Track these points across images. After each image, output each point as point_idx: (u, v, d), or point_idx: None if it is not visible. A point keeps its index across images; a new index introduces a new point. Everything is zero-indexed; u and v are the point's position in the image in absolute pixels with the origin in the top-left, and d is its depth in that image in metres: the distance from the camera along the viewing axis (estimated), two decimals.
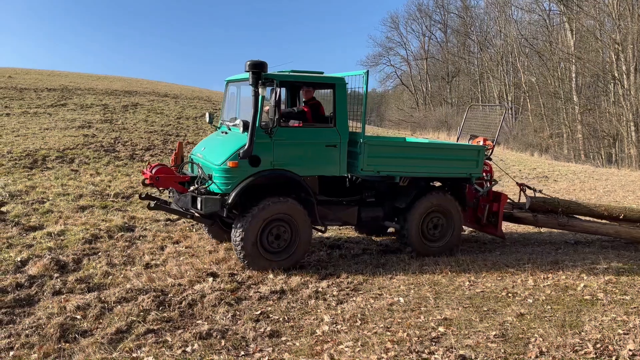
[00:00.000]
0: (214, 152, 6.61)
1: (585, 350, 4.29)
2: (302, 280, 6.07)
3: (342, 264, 7.04)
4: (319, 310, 5.17)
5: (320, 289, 5.78)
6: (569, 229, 8.18)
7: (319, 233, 7.63)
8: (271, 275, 6.22)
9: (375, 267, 6.88)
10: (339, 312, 5.13)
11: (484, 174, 7.91)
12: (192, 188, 6.44)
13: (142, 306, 5.08)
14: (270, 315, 5.04)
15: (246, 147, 6.06)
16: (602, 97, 38.71)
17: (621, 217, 8.15)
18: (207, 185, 6.34)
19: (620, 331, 4.67)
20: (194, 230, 8.18)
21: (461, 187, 7.72)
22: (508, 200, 8.35)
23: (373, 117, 61.10)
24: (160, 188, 6.82)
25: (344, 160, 6.71)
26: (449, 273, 6.59)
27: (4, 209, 8.26)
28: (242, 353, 4.24)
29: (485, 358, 4.16)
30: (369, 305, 5.33)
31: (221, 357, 4.15)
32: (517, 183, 9.03)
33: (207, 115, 7.44)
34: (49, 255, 6.44)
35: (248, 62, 6.06)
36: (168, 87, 27.80)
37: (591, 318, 5.01)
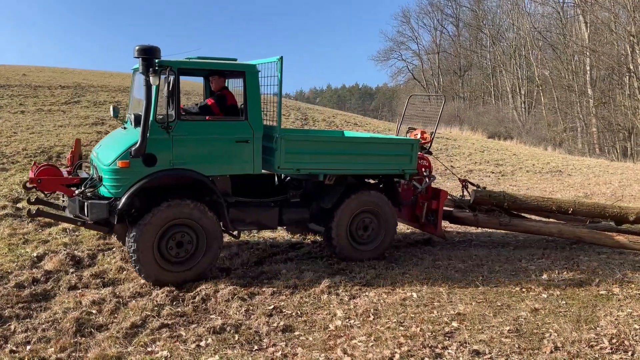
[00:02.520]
0: (106, 151, 5.88)
1: (601, 345, 4.25)
2: (314, 275, 6.07)
3: (354, 260, 7.02)
4: (331, 305, 5.17)
5: (332, 284, 5.78)
6: (511, 229, 7.65)
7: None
8: (284, 271, 6.23)
9: (388, 262, 6.86)
10: (352, 307, 5.13)
11: (423, 170, 7.41)
12: (77, 191, 5.65)
13: (157, 301, 5.12)
14: (283, 310, 5.05)
15: (138, 144, 5.32)
16: (617, 90, 38.16)
17: (570, 211, 7.63)
18: (96, 188, 5.65)
19: (636, 326, 4.62)
20: None
21: (394, 185, 7.15)
22: (449, 197, 7.90)
23: (385, 111, 60.94)
24: (46, 192, 5.99)
25: (259, 157, 6.03)
26: (462, 268, 6.56)
27: (19, 205, 8.36)
28: (256, 347, 4.26)
29: (499, 353, 4.14)
30: (381, 300, 5.32)
31: (235, 351, 4.17)
32: (459, 179, 8.64)
33: (111, 108, 6.55)
34: (65, 250, 6.52)
35: (137, 47, 5.33)
36: (182, 84, 27.90)
37: (607, 313, 4.96)
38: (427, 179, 7.37)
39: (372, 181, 7.24)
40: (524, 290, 5.72)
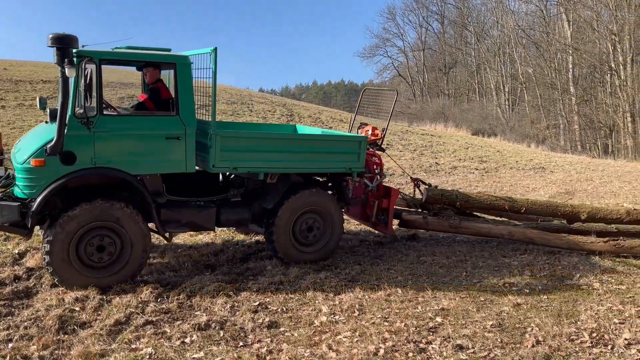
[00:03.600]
0: (23, 148, 5.45)
1: (581, 339, 4.33)
2: (300, 271, 6.08)
3: (339, 256, 7.05)
4: (317, 301, 5.19)
5: (318, 280, 5.80)
6: (461, 232, 7.45)
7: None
8: (270, 267, 6.23)
9: (373, 259, 6.90)
10: (337, 302, 5.15)
11: (375, 167, 7.17)
12: None
13: (141, 298, 5.09)
14: (269, 306, 5.06)
15: (54, 141, 4.91)
16: (599, 88, 38.73)
17: (522, 210, 7.49)
18: (9, 187, 5.27)
19: (616, 320, 4.71)
20: None
21: (341, 183, 6.82)
22: (401, 196, 7.72)
23: (370, 109, 60.96)
24: None
25: (192, 155, 5.63)
26: (446, 264, 6.62)
27: None
28: (241, 344, 4.27)
29: (482, 347, 4.19)
30: (366, 296, 5.35)
31: (220, 347, 4.17)
32: (411, 178, 8.38)
33: (37, 99, 6.04)
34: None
35: (50, 36, 4.94)
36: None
37: (587, 307, 5.05)
38: (378, 177, 7.11)
39: (321, 179, 6.93)
40: (506, 285, 5.79)
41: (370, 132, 7.53)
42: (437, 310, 4.98)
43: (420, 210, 7.69)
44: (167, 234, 6.07)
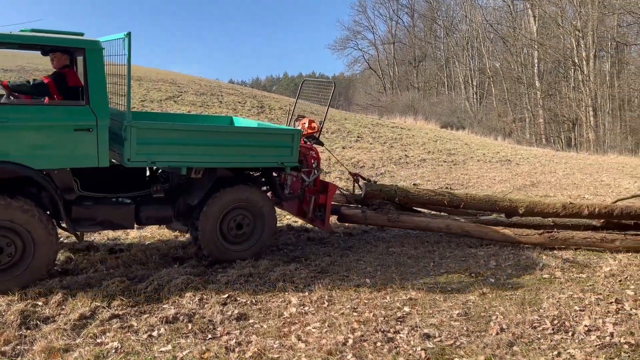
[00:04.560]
0: None
1: (544, 326, 4.45)
2: (270, 263, 6.07)
3: (310, 247, 7.08)
4: (286, 293, 5.19)
5: (288, 272, 5.79)
6: (399, 226, 7.36)
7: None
8: (238, 259, 6.20)
9: (343, 250, 6.94)
10: (307, 294, 5.17)
11: (312, 161, 6.93)
12: None
13: (107, 291, 5.00)
14: (238, 299, 5.03)
15: None
16: (563, 83, 39.74)
17: (461, 205, 7.40)
18: None
19: (576, 308, 4.86)
20: None
21: (273, 178, 6.61)
22: (339, 191, 7.59)
23: (341, 101, 61.11)
24: None
25: (105, 148, 5.24)
26: (415, 254, 6.71)
27: None
28: (210, 336, 4.24)
29: (448, 336, 4.27)
30: (336, 287, 5.38)
31: (188, 340, 4.13)
32: (350, 173, 8.05)
33: None
34: None
35: None
36: (132, 69, 27.10)
37: (549, 296, 5.20)
38: (315, 171, 6.89)
39: (255, 174, 6.66)
40: (472, 275, 5.91)
41: (306, 125, 7.30)
42: (405, 300, 5.05)
43: (359, 205, 7.52)
44: (78, 233, 5.66)
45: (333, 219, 7.31)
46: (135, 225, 6.07)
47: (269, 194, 6.73)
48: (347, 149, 15.50)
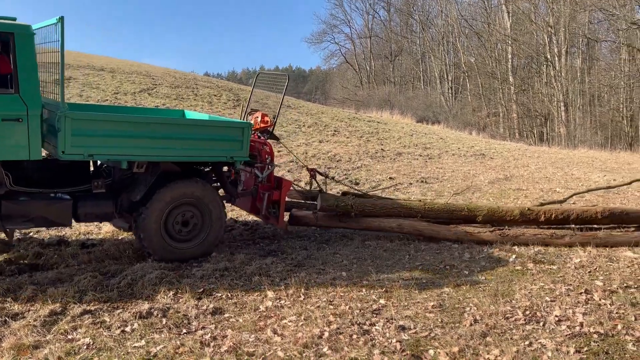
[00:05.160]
0: None
1: (516, 317, 4.53)
2: (246, 257, 6.04)
3: (286, 241, 7.06)
4: (262, 286, 5.17)
5: (264, 266, 5.77)
6: (352, 227, 7.29)
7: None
8: (214, 253, 6.15)
9: (319, 243, 6.95)
10: (283, 287, 5.16)
11: (266, 157, 6.75)
12: None
13: (78, 287, 4.91)
14: (213, 293, 5.00)
15: None
16: (536, 78, 40.43)
17: (419, 216, 7.24)
18: None
19: (547, 298, 4.96)
20: None
21: (223, 174, 6.40)
22: (296, 188, 7.43)
23: (318, 94, 61.05)
24: None
25: (37, 140, 4.99)
26: (390, 247, 6.75)
27: None
28: (184, 331, 4.20)
29: (423, 327, 4.32)
30: (312, 281, 5.39)
31: (162, 335, 4.08)
32: (307, 168, 7.73)
33: None
34: None
35: None
36: (104, 61, 26.58)
37: (521, 287, 5.29)
38: (268, 167, 6.71)
39: (205, 168, 6.42)
40: (447, 267, 5.98)
41: (259, 119, 7.09)
42: (381, 293, 5.08)
43: (316, 203, 7.20)
44: (8, 230, 5.36)
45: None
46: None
47: (221, 190, 6.53)
48: (323, 142, 15.50)
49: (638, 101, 34.56)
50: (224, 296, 4.93)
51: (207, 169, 6.40)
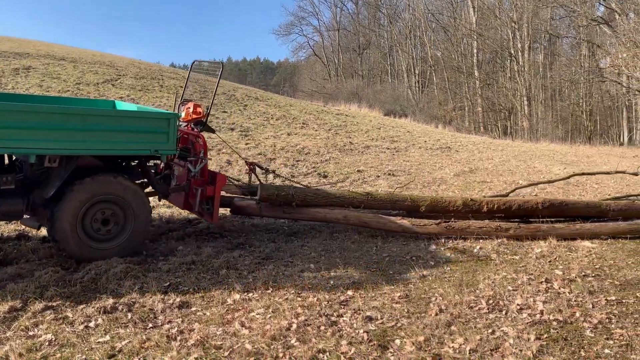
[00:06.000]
0: None
1: (479, 306, 4.64)
2: (213, 250, 5.99)
3: (254, 234, 7.03)
4: (230, 280, 5.15)
5: (231, 259, 5.74)
6: (296, 217, 7.13)
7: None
8: (181, 247, 6.08)
9: (287, 236, 6.95)
10: (251, 280, 5.14)
11: (199, 150, 6.41)
12: None
13: (40, 282, 4.78)
14: (180, 287, 4.94)
15: None
16: (500, 73, 41.26)
17: (362, 206, 7.19)
18: None
19: (510, 288, 5.09)
20: None
21: (148, 169, 6.05)
22: (234, 183, 7.23)
23: (286, 87, 60.80)
24: None
25: None
26: (358, 239, 6.80)
27: None
28: (150, 325, 4.14)
29: (390, 318, 4.37)
30: (280, 273, 5.39)
31: (127, 330, 4.02)
32: (246, 162, 7.45)
33: None
34: None
35: None
36: (65, 50, 25.79)
37: (485, 277, 5.42)
38: (202, 161, 6.35)
39: (133, 163, 6.04)
40: (413, 258, 6.07)
41: (191, 110, 6.72)
42: (349, 284, 5.13)
43: (256, 197, 7.00)
44: None
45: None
46: None
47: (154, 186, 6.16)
48: (292, 135, 15.46)
49: (597, 96, 35.71)
50: (190, 290, 4.89)
51: (134, 163, 5.99)
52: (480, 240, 6.78)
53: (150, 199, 6.38)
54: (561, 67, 36.74)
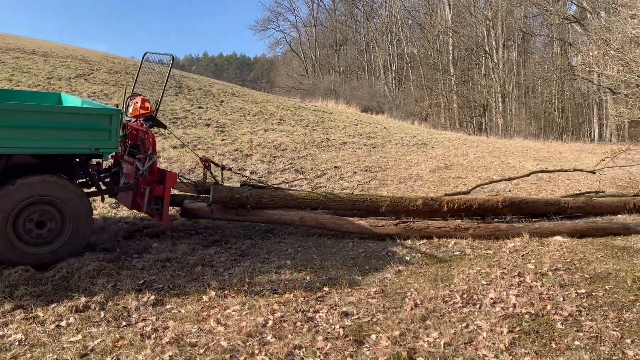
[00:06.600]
0: None
1: (454, 300, 4.70)
2: (188, 247, 5.94)
3: (230, 230, 6.99)
4: (205, 277, 5.11)
5: (207, 256, 5.70)
6: (251, 220, 6.84)
7: None
8: (156, 244, 6.01)
9: (264, 232, 6.92)
10: (227, 277, 5.12)
11: (149, 147, 6.07)
12: None
13: (9, 281, 4.67)
14: (154, 284, 4.89)
15: None
16: (475, 70, 41.76)
17: (320, 207, 7.00)
18: None
19: (483, 282, 5.17)
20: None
21: (90, 167, 5.79)
22: (183, 181, 6.99)
23: (263, 82, 60.51)
24: None
25: None
26: (335, 235, 6.82)
27: None
28: (124, 323, 4.09)
29: (366, 313, 4.40)
30: (256, 270, 5.37)
31: (100, 329, 3.96)
32: (200, 159, 7.11)
33: None
34: None
35: None
36: (36, 44, 25.19)
37: (460, 271, 5.49)
38: (150, 158, 6.01)
39: (77, 161, 5.67)
40: (389, 254, 6.11)
41: (139, 105, 6.39)
42: (325, 280, 5.14)
43: (209, 196, 6.68)
44: None
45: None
46: None
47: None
48: (269, 131, 15.39)
49: (569, 93, 36.44)
50: (165, 287, 4.84)
51: (76, 162, 5.64)
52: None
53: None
54: (534, 65, 37.39)
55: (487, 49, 38.95)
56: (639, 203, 8.04)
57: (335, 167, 11.96)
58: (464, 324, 4.20)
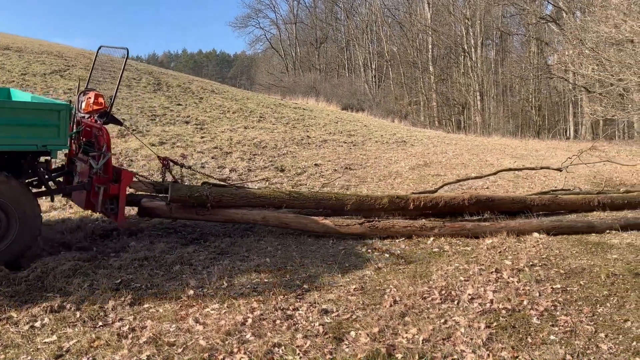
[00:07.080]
0: None
1: (432, 297, 4.74)
2: (166, 246, 5.88)
3: (209, 229, 6.94)
4: (184, 276, 5.06)
5: (186, 254, 5.65)
6: (212, 219, 6.64)
7: None
8: (133, 243, 5.94)
9: (243, 231, 6.89)
10: (205, 275, 5.08)
11: (102, 145, 5.79)
12: None
13: None
14: (132, 283, 4.83)
15: None
16: (454, 68, 42.16)
17: (284, 206, 6.85)
18: None
19: (462, 278, 5.22)
20: (44, 198, 7.47)
21: (36, 166, 5.48)
22: (140, 179, 6.78)
23: (243, 80, 60.16)
24: None
25: None
26: (315, 234, 6.81)
27: None
28: (100, 323, 4.03)
29: (345, 310, 4.41)
30: (236, 268, 5.34)
31: (76, 329, 3.90)
32: (158, 157, 6.90)
33: None
34: None
35: None
36: (9, 39, 24.63)
37: (438, 268, 5.54)
38: (104, 155, 5.73)
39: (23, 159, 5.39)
40: (369, 251, 6.14)
41: (92, 100, 6.13)
42: (305, 278, 5.13)
43: (167, 195, 6.45)
44: None
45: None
46: None
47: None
48: (249, 129, 15.31)
49: (545, 92, 37.03)
50: (143, 286, 4.78)
51: (23, 160, 5.35)
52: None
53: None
54: (512, 64, 37.89)
55: (465, 47, 39.34)
56: (603, 200, 8.21)
57: (315, 164, 11.96)
58: (442, 320, 4.24)
